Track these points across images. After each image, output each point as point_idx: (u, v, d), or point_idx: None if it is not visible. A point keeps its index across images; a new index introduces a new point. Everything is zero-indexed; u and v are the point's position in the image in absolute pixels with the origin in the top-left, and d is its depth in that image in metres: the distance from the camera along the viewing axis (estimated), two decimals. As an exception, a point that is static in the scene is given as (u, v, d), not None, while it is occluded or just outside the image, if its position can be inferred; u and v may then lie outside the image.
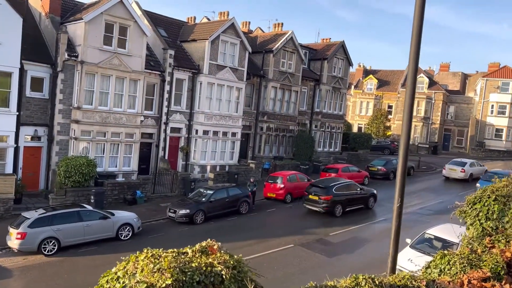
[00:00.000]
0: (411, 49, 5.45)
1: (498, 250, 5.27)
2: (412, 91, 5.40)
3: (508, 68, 53.84)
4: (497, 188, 6.43)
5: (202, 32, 29.63)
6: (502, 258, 5.01)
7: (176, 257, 3.80)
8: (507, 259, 5.09)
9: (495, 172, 28.10)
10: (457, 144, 57.61)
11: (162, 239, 18.05)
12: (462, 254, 5.12)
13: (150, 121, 27.15)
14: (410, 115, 5.37)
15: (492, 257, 4.94)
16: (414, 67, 5.42)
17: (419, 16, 5.34)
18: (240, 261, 4.21)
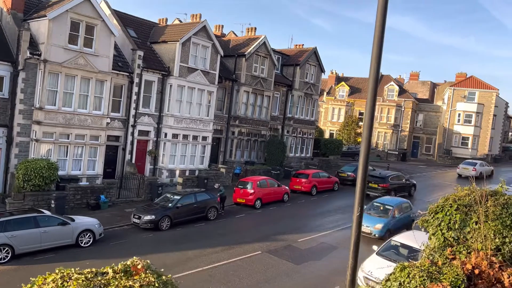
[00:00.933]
0: (372, 56, 5.24)
1: (459, 262, 5.10)
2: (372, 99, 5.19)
3: (474, 78, 55.53)
4: (458, 197, 6.30)
5: (173, 33, 29.09)
6: (463, 271, 4.84)
7: (90, 279, 3.38)
8: (467, 271, 4.92)
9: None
10: (425, 152, 58.88)
11: (125, 246, 17.39)
12: (422, 266, 4.92)
13: (117, 124, 26.34)
14: (370, 122, 5.15)
15: (452, 270, 4.75)
16: (375, 77, 5.21)
17: (381, 26, 5.14)
18: (168, 283, 3.80)
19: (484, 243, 5.54)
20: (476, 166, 38.19)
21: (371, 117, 5.26)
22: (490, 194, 6.21)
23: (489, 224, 5.66)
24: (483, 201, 5.96)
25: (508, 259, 5.48)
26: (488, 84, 54.27)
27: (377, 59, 5.25)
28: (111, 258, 15.90)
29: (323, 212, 24.84)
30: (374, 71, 5.26)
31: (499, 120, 57.62)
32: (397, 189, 28.27)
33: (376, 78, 5.22)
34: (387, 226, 19.34)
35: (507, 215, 5.77)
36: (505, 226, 5.66)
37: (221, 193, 23.30)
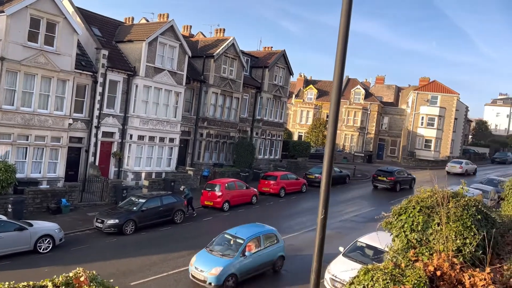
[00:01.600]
0: (336, 60, 5.18)
1: (422, 264, 5.10)
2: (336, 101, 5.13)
3: (437, 83, 57.41)
4: (422, 199, 6.35)
5: (139, 33, 28.46)
6: (425, 273, 4.84)
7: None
8: (430, 273, 4.93)
9: None
10: (390, 154, 60.30)
11: (86, 252, 16.77)
12: (385, 269, 4.88)
13: (80, 125, 25.46)
14: (335, 125, 5.08)
15: (415, 272, 4.75)
16: (339, 81, 5.14)
17: (344, 29, 5.09)
18: (115, 296, 3.57)
19: (445, 244, 5.59)
20: (462, 164, 43.11)
21: (335, 120, 5.20)
22: (452, 195, 6.29)
23: (451, 225, 5.71)
24: (445, 202, 6.03)
25: (469, 260, 5.55)
26: (449, 88, 56.24)
27: (341, 62, 5.19)
28: (71, 265, 15.23)
29: (291, 214, 24.88)
30: (338, 75, 5.21)
31: (459, 124, 59.78)
32: (401, 181, 33.31)
33: (340, 82, 5.16)
34: (229, 271, 13.56)
35: (467, 216, 5.85)
36: (465, 227, 5.73)
37: (186, 195, 22.93)
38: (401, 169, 36.01)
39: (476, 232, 5.69)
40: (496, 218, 6.37)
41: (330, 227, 21.82)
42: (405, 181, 33.92)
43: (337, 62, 5.21)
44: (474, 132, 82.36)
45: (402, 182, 33.43)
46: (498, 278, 5.19)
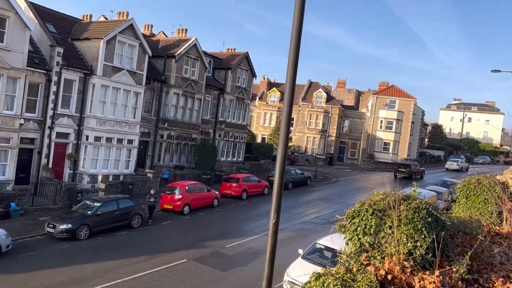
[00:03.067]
0: (289, 61, 5.07)
1: (373, 268, 5.07)
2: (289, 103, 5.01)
3: (395, 88, 59.20)
4: (374, 201, 6.35)
5: (97, 31, 27.51)
6: (376, 277, 4.80)
7: None
8: (381, 277, 4.90)
9: None
10: (350, 156, 61.56)
11: (35, 259, 15.92)
12: (337, 274, 4.80)
13: (32, 125, 24.26)
14: (287, 126, 4.97)
15: (366, 277, 4.69)
16: (291, 85, 5.04)
17: (297, 32, 4.98)
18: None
19: (397, 247, 5.59)
20: (459, 162, 52.43)
21: (287, 122, 5.08)
22: (403, 198, 6.33)
23: (402, 228, 5.73)
24: (397, 205, 6.05)
25: (420, 263, 5.58)
26: (407, 93, 58.13)
27: (294, 64, 5.09)
28: (18, 273, 14.48)
29: (252, 217, 24.76)
30: (291, 81, 5.10)
31: (416, 127, 61.89)
32: (415, 172, 42.69)
33: (292, 89, 5.05)
34: None
35: (418, 219, 5.89)
36: (416, 230, 5.77)
37: (152, 202, 22.22)
38: (415, 163, 47.36)
39: (426, 234, 5.74)
40: (446, 221, 6.47)
41: (291, 229, 21.92)
42: (418, 172, 43.80)
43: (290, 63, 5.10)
44: (430, 135, 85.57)
45: (416, 173, 42.97)
46: (447, 280, 5.24)
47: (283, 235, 20.24)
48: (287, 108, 5.06)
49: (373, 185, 36.73)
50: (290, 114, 5.12)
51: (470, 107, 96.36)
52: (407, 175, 41.38)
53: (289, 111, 5.12)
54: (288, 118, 5.04)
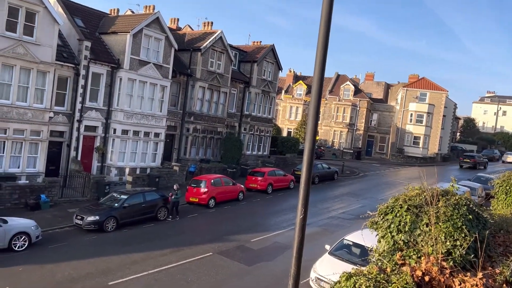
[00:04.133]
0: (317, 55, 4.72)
1: (409, 268, 4.68)
2: (317, 96, 4.67)
3: (426, 80, 57.38)
4: (409, 197, 5.92)
5: (124, 24, 27.69)
6: (413, 278, 4.42)
7: None
8: (417, 278, 4.51)
9: None
10: (379, 150, 60.25)
11: (64, 250, 16.15)
12: (369, 274, 4.45)
13: (61, 118, 24.68)
14: (315, 120, 4.63)
15: (401, 278, 4.32)
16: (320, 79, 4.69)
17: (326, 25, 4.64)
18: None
19: (434, 246, 5.18)
20: (475, 158, 50.32)
21: (315, 115, 4.74)
22: (441, 194, 5.87)
23: (440, 226, 5.30)
24: (434, 201, 5.61)
25: (459, 264, 5.15)
26: (438, 85, 56.25)
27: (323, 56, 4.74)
28: (48, 263, 14.71)
29: (278, 211, 24.47)
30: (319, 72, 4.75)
31: (448, 121, 59.89)
32: (479, 163, 47.57)
33: (320, 82, 4.71)
34: None
35: (458, 216, 5.44)
36: (456, 228, 5.32)
37: (176, 197, 21.64)
38: (479, 154, 52.86)
39: (467, 233, 5.28)
40: (488, 218, 5.98)
41: (317, 224, 21.51)
42: (481, 162, 48.06)
43: (318, 54, 4.75)
44: (462, 129, 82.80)
45: (480, 163, 47.34)
46: (490, 283, 4.81)
47: (309, 230, 19.78)
48: (316, 98, 4.72)
49: (402, 180, 35.77)
50: (319, 105, 4.78)
51: (505, 100, 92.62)
52: (471, 165, 46.52)
53: (317, 102, 4.78)
54: (316, 108, 4.70)
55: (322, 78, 4.81)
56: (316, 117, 4.80)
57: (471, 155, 49.51)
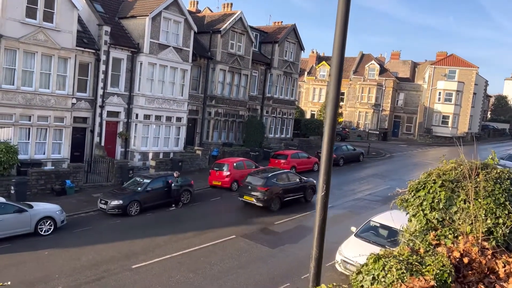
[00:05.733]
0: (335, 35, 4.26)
1: (445, 248, 4.20)
2: (337, 74, 4.19)
3: (455, 57, 55.12)
4: (443, 171, 5.37)
5: (143, 8, 27.39)
6: (450, 260, 3.95)
7: None
8: (455, 260, 4.03)
9: None
10: (406, 131, 58.67)
11: (88, 233, 16.25)
12: (400, 255, 3.99)
13: (84, 104, 24.80)
14: (336, 99, 4.16)
15: (437, 260, 3.85)
16: (340, 55, 4.22)
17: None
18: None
19: (474, 225, 4.66)
20: None
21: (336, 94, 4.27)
22: (481, 167, 5.31)
23: (480, 202, 4.76)
24: (473, 175, 5.05)
25: (502, 244, 4.62)
26: (468, 62, 53.97)
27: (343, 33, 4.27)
28: (72, 247, 14.82)
29: (302, 193, 23.99)
30: (339, 48, 4.26)
31: (478, 99, 57.63)
32: None
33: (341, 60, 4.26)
34: None
35: (500, 192, 4.88)
36: (498, 204, 4.77)
37: (176, 185, 19.87)
38: None
39: (511, 210, 4.73)
40: (534, 193, 5.39)
41: (342, 207, 21.01)
42: None
43: (338, 30, 4.25)
44: (493, 107, 79.71)
45: None
46: (538, 265, 4.27)
47: (334, 212, 19.42)
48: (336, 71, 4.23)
49: (430, 160, 34.64)
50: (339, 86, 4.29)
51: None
52: None
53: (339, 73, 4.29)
54: (336, 91, 4.21)
55: (343, 55, 4.36)
56: (337, 97, 4.33)
57: None
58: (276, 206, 19.91)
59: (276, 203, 19.94)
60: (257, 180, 20.19)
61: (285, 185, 20.66)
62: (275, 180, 20.40)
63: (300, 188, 21.28)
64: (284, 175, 21.43)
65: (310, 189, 21.68)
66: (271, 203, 19.78)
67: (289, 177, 21.47)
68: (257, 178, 20.39)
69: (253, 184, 20.06)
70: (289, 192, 20.65)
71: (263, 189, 19.62)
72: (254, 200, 19.77)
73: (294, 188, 21.00)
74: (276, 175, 20.85)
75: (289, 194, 20.64)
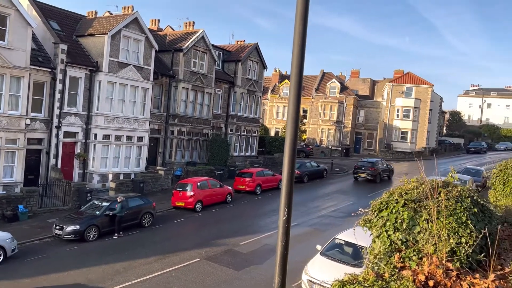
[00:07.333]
0: (293, 53, 4.16)
1: (410, 272, 4.09)
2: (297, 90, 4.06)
3: (411, 75, 57.31)
4: (405, 190, 5.32)
5: (101, 26, 26.79)
6: (415, 284, 3.83)
7: None
8: (420, 284, 3.92)
9: None
10: (367, 147, 60.01)
11: (42, 262, 15.27)
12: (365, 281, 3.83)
13: (39, 125, 23.71)
14: (296, 115, 4.01)
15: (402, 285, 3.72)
16: (299, 73, 4.09)
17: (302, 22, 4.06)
18: None
19: (437, 245, 4.59)
20: None
21: (296, 110, 4.12)
22: (442, 186, 5.29)
23: (442, 221, 4.71)
24: (435, 194, 5.02)
25: (466, 264, 4.56)
26: (424, 79, 56.22)
27: (300, 53, 4.15)
28: (24, 278, 13.84)
29: (267, 212, 23.84)
30: (297, 70, 4.14)
31: (435, 115, 59.92)
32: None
33: (299, 78, 4.10)
34: None
35: (462, 210, 4.86)
36: (460, 223, 4.74)
37: (118, 211, 18.38)
38: None
39: (472, 228, 4.70)
40: (494, 211, 5.42)
41: (308, 224, 20.93)
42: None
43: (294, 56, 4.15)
44: (449, 123, 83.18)
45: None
46: (501, 284, 4.23)
47: (300, 230, 19.29)
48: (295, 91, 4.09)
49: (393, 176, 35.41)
50: (299, 96, 4.15)
51: (489, 93, 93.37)
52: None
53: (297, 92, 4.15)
54: (296, 107, 4.07)
55: (301, 73, 4.24)
56: (297, 113, 4.17)
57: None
58: (378, 179, 33.01)
59: (378, 178, 33.09)
60: (367, 164, 34.07)
61: (381, 168, 34.10)
62: (377, 165, 33.83)
63: (386, 170, 34.72)
64: (380, 162, 35.00)
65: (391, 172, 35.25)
66: (376, 178, 32.86)
67: (383, 163, 35.06)
68: (366, 163, 34.48)
69: (364, 167, 33.53)
70: (384, 172, 34.25)
71: (372, 169, 33.14)
72: (366, 176, 33.22)
73: (384, 169, 34.46)
74: (377, 161, 35.18)
75: (383, 174, 34.20)
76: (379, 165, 34.11)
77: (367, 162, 34.80)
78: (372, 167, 33.09)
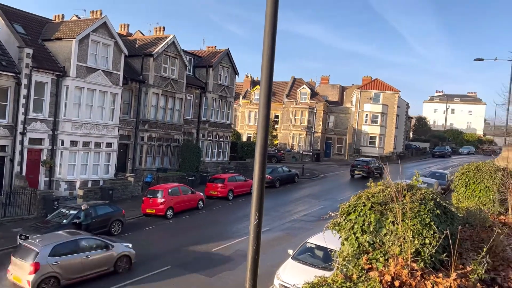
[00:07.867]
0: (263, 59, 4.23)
1: (377, 273, 4.22)
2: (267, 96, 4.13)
3: (379, 81, 58.84)
4: (372, 194, 5.49)
5: (69, 30, 26.22)
6: (382, 285, 3.96)
7: None
8: (387, 284, 4.05)
9: None
10: (337, 152, 61.02)
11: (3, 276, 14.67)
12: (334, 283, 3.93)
13: (2, 131, 22.89)
14: (266, 121, 4.09)
15: (370, 285, 3.84)
16: (268, 79, 4.18)
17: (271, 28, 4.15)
18: None
19: (402, 246, 4.76)
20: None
21: (266, 119, 4.20)
22: (407, 189, 5.50)
23: (407, 223, 4.89)
24: (400, 196, 5.21)
25: (430, 264, 4.75)
26: (391, 86, 57.83)
27: (270, 59, 4.23)
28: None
29: (239, 217, 23.83)
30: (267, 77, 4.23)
31: (401, 120, 61.66)
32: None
33: (269, 84, 4.19)
34: None
35: (425, 212, 5.07)
36: (424, 225, 4.94)
37: (80, 221, 18.00)
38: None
39: (436, 230, 4.91)
40: (455, 212, 5.67)
41: (280, 229, 21.07)
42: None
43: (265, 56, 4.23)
44: (415, 128, 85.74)
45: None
46: (463, 283, 4.44)
47: (271, 235, 19.39)
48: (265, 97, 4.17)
49: (361, 179, 36.14)
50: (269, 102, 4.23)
51: (453, 99, 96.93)
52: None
53: (267, 98, 4.23)
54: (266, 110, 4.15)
55: (271, 79, 4.31)
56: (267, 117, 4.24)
57: None
58: (371, 176, 32.36)
59: (371, 175, 34.54)
60: (362, 163, 38.14)
61: (374, 166, 37.53)
62: (371, 164, 37.80)
63: (378, 168, 37.53)
64: (373, 161, 38.46)
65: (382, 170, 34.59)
66: (370, 175, 34.14)
67: (375, 163, 37.69)
68: (361, 162, 38.49)
69: (360, 165, 37.57)
70: (376, 170, 37.40)
71: (366, 167, 37.13)
72: (361, 173, 36.91)
73: (376, 168, 37.58)
74: (371, 160, 39.07)
75: (376, 171, 37.31)
76: (372, 164, 38.06)
77: (362, 161, 39.17)
78: (366, 165, 37.49)
